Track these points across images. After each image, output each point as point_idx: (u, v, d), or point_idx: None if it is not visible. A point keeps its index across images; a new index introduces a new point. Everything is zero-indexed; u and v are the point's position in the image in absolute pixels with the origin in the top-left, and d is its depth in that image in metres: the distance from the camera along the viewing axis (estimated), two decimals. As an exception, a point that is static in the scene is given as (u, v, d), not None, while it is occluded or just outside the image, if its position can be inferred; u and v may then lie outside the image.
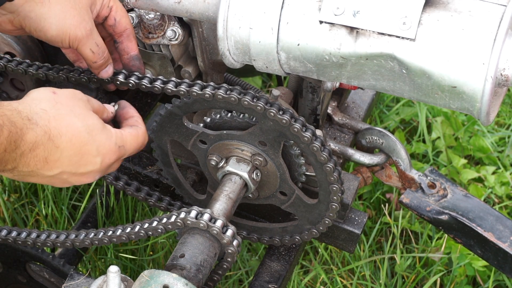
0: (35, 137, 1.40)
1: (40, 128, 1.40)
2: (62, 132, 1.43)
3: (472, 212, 1.92)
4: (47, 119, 1.42)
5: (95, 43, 1.58)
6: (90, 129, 1.47)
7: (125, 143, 1.53)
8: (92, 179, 1.52)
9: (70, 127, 1.44)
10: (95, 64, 1.60)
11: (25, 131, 1.38)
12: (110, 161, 1.51)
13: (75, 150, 1.45)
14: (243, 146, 1.70)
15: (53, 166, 1.45)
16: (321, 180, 1.70)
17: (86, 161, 1.47)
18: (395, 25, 1.44)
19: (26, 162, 1.41)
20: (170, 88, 1.63)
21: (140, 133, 1.57)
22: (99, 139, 1.48)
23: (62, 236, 1.74)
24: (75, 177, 1.49)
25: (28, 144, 1.39)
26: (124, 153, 1.54)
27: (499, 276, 2.39)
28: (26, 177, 1.46)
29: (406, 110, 2.78)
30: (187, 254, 1.59)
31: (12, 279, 2.02)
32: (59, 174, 1.47)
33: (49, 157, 1.43)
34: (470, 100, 1.45)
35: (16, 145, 1.37)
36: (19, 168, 1.42)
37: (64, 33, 1.54)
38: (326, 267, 2.41)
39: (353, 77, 1.52)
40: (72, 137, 1.44)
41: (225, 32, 1.53)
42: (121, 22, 1.63)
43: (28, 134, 1.39)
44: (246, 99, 1.60)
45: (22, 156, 1.40)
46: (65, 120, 1.44)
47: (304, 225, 1.81)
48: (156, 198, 1.90)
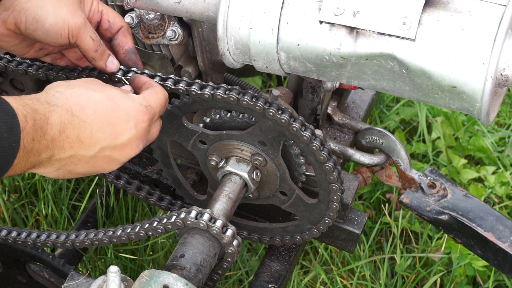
0: (60, 117, 1.38)
1: (60, 107, 1.39)
2: (84, 106, 1.41)
3: (472, 212, 1.92)
4: (64, 98, 1.41)
5: (92, 31, 1.58)
6: (110, 97, 1.45)
7: (150, 102, 1.51)
8: (136, 149, 1.49)
9: (90, 99, 1.43)
10: (97, 53, 1.59)
11: (48, 115, 1.37)
12: (144, 123, 1.48)
13: (103, 120, 1.43)
14: (242, 146, 1.70)
15: (90, 144, 1.42)
16: (321, 180, 1.70)
17: (120, 128, 1.45)
18: (395, 25, 1.44)
19: (61, 146, 1.39)
20: (182, 87, 1.62)
21: (158, 90, 1.55)
22: (123, 103, 1.46)
23: (62, 237, 1.74)
24: (118, 151, 1.47)
25: (55, 127, 1.38)
26: (154, 112, 1.51)
27: (499, 276, 2.39)
28: (69, 166, 1.43)
29: (406, 110, 2.78)
30: (187, 254, 1.59)
31: (12, 279, 2.02)
32: (100, 151, 1.44)
33: (80, 134, 1.41)
34: (470, 100, 1.45)
35: (43, 131, 1.36)
36: (56, 155, 1.40)
37: (63, 22, 1.53)
38: (326, 267, 2.41)
39: (353, 77, 1.52)
40: (96, 108, 1.42)
41: (225, 32, 1.53)
42: (115, 22, 1.63)
43: (52, 117, 1.38)
44: (245, 99, 1.60)
45: (54, 141, 1.38)
46: (83, 95, 1.43)
47: (304, 224, 1.81)
48: (157, 197, 1.90)
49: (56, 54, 1.67)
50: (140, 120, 1.48)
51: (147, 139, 1.53)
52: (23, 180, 2.50)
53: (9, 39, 1.58)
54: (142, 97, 1.51)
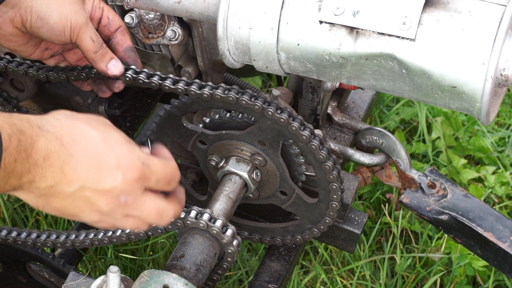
0: (47, 144, 1.31)
1: (51, 134, 1.31)
2: (76, 140, 1.33)
3: (472, 212, 1.92)
4: (59, 126, 1.33)
5: (93, 32, 1.57)
6: (107, 139, 1.35)
7: (150, 163, 1.38)
8: (116, 200, 1.36)
9: (85, 135, 1.34)
10: (96, 55, 1.58)
11: (35, 139, 1.30)
12: (133, 176, 1.34)
13: (91, 159, 1.33)
14: (242, 146, 1.70)
15: (72, 178, 1.33)
16: (321, 179, 1.70)
17: (106, 173, 1.34)
18: (395, 25, 1.44)
19: (42, 174, 1.31)
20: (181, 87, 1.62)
21: (170, 163, 1.41)
22: (119, 150, 1.35)
23: (62, 237, 1.74)
24: (98, 195, 1.35)
25: (40, 152, 1.30)
26: (149, 175, 1.37)
27: (499, 276, 2.39)
28: (48, 197, 1.35)
29: (406, 110, 2.78)
30: (187, 254, 1.59)
31: (12, 279, 2.02)
32: (80, 190, 1.34)
33: (64, 166, 1.32)
34: (470, 100, 1.45)
35: (27, 154, 1.29)
36: (36, 182, 1.32)
37: (66, 19, 1.54)
38: (326, 267, 2.41)
39: (353, 77, 1.52)
40: (87, 145, 1.33)
41: (225, 32, 1.53)
42: (115, 20, 1.63)
43: (39, 141, 1.30)
44: (244, 98, 1.60)
45: (36, 166, 1.30)
46: (79, 129, 1.34)
47: (305, 224, 1.81)
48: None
49: (60, 56, 1.67)
50: (130, 173, 1.35)
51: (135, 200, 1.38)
52: (23, 180, 2.50)
53: (16, 38, 1.59)
54: (145, 156, 1.39)
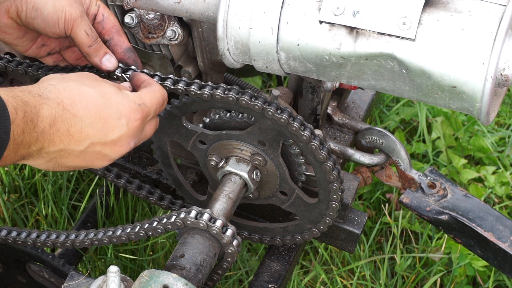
0: (50, 111, 1.38)
1: (52, 101, 1.39)
2: (76, 100, 1.41)
3: (472, 212, 1.92)
4: (57, 91, 1.41)
5: (88, 26, 1.58)
6: (103, 93, 1.45)
7: (145, 100, 1.50)
8: (127, 146, 1.48)
9: (83, 94, 1.42)
10: (91, 49, 1.59)
11: (39, 107, 1.37)
12: (136, 121, 1.47)
13: (94, 115, 1.43)
14: (242, 146, 1.70)
15: (80, 138, 1.42)
16: (321, 179, 1.70)
17: (111, 125, 1.44)
18: (395, 25, 1.44)
19: (50, 139, 1.39)
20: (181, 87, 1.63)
21: (155, 88, 1.55)
22: (116, 100, 1.45)
23: (62, 237, 1.74)
24: (108, 147, 1.46)
25: (45, 120, 1.38)
26: (148, 111, 1.51)
27: (499, 276, 2.39)
28: (59, 159, 1.43)
29: (406, 110, 2.78)
30: (187, 254, 1.59)
31: (12, 279, 2.02)
32: (90, 147, 1.44)
33: (71, 128, 1.40)
34: (470, 100, 1.45)
35: (33, 124, 1.36)
36: (45, 148, 1.40)
37: (60, 10, 1.54)
38: (326, 267, 2.41)
39: (353, 77, 1.52)
40: (87, 103, 1.42)
41: (225, 32, 1.53)
42: (109, 18, 1.63)
43: (43, 110, 1.38)
44: (244, 98, 1.60)
45: (44, 134, 1.38)
46: (75, 89, 1.42)
47: (305, 224, 1.81)
48: (157, 196, 1.90)
49: (58, 55, 1.67)
50: (132, 118, 1.47)
51: (140, 137, 1.52)
52: (23, 180, 2.50)
53: (12, 30, 1.59)
54: (137, 95, 1.51)
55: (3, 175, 2.49)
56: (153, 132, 1.56)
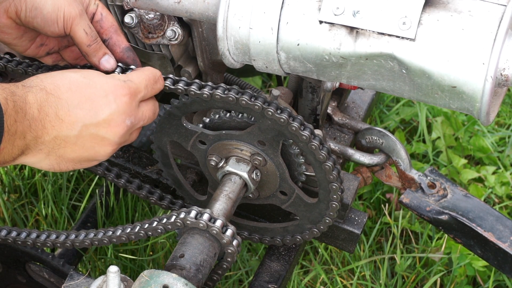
0: (35, 96, 1.40)
1: (35, 87, 1.41)
2: (58, 84, 1.42)
3: (472, 212, 1.92)
4: (39, 80, 1.43)
5: (88, 25, 1.58)
6: (85, 75, 1.46)
7: (131, 77, 1.50)
8: (123, 124, 1.47)
9: (65, 78, 1.44)
10: (90, 48, 1.59)
11: (25, 96, 1.39)
12: (124, 97, 1.47)
13: (79, 96, 1.43)
14: (242, 146, 1.70)
15: (70, 121, 1.42)
16: (321, 179, 1.70)
17: (99, 104, 1.44)
18: (395, 25, 1.44)
19: (42, 125, 1.40)
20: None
21: (145, 68, 1.55)
22: (99, 80, 1.46)
23: (62, 237, 1.74)
24: (102, 128, 1.46)
25: (33, 105, 1.39)
26: (136, 87, 1.50)
27: (499, 276, 2.39)
28: (57, 150, 1.44)
29: (406, 110, 2.78)
30: (187, 254, 1.59)
31: (12, 279, 2.02)
32: (83, 129, 1.44)
33: (58, 111, 1.41)
34: (470, 100, 1.45)
35: (23, 112, 1.37)
36: (40, 137, 1.40)
37: (59, 9, 1.54)
38: (326, 267, 2.41)
39: (353, 77, 1.52)
40: (71, 86, 1.43)
41: (225, 32, 1.53)
42: (108, 17, 1.63)
43: (28, 97, 1.39)
44: (244, 98, 1.60)
45: (34, 120, 1.39)
46: (57, 75, 1.45)
47: (305, 224, 1.81)
48: (158, 196, 1.90)
49: (57, 54, 1.67)
50: (119, 94, 1.47)
51: (136, 116, 1.51)
52: (23, 180, 2.50)
53: (11, 30, 1.59)
54: (123, 75, 1.51)
55: (3, 175, 2.49)
56: (152, 114, 1.54)
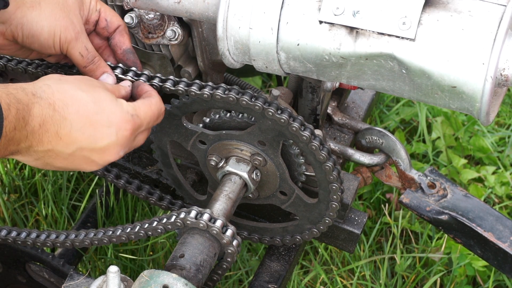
0: (41, 111, 1.38)
1: (44, 100, 1.39)
2: (68, 103, 1.41)
3: (472, 212, 1.92)
4: (50, 92, 1.41)
5: (85, 47, 1.58)
6: (97, 100, 1.44)
7: (138, 112, 1.50)
8: (116, 155, 1.48)
9: (76, 98, 1.42)
10: (86, 69, 1.60)
11: (31, 106, 1.38)
12: (126, 131, 1.47)
13: (85, 121, 1.43)
14: (242, 146, 1.70)
15: (68, 142, 1.42)
16: (321, 179, 1.70)
17: (100, 133, 1.44)
18: (395, 25, 1.44)
19: (39, 139, 1.40)
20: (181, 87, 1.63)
21: (153, 101, 1.54)
22: (108, 108, 1.45)
23: (62, 236, 1.74)
24: (96, 154, 1.46)
25: (36, 119, 1.38)
26: (140, 123, 1.50)
27: (499, 276, 2.39)
28: (47, 158, 1.44)
29: (406, 110, 2.78)
30: (187, 254, 1.59)
31: (12, 279, 2.02)
32: (78, 151, 1.44)
33: (59, 130, 1.41)
34: (470, 100, 1.45)
35: (25, 122, 1.37)
36: (34, 147, 1.40)
37: (55, 34, 1.55)
38: (326, 267, 2.41)
39: (353, 77, 1.52)
40: (79, 108, 1.42)
41: (224, 32, 1.53)
42: (113, 21, 1.63)
43: (34, 109, 1.38)
44: (244, 98, 1.60)
45: (33, 133, 1.38)
46: (69, 92, 1.43)
47: (304, 224, 1.81)
48: (157, 197, 1.90)
49: (59, 55, 1.68)
50: (123, 128, 1.47)
51: (130, 146, 1.51)
52: (23, 180, 2.50)
53: (9, 47, 1.60)
54: (132, 106, 1.50)
55: (3, 175, 2.49)
56: (144, 141, 1.55)
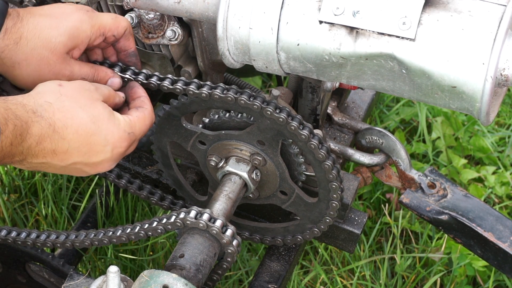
0: (40, 130, 1.39)
1: (45, 120, 1.40)
2: (68, 124, 1.43)
3: (472, 212, 1.92)
4: (51, 111, 1.42)
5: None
6: (95, 119, 1.46)
7: (134, 129, 1.53)
8: (107, 168, 1.52)
9: (75, 118, 1.44)
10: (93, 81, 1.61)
11: (30, 124, 1.38)
12: (121, 148, 1.50)
13: (82, 141, 1.45)
14: (242, 146, 1.70)
15: (64, 158, 1.45)
16: (320, 178, 1.70)
17: (96, 151, 1.47)
18: (395, 25, 1.44)
19: (35, 154, 1.41)
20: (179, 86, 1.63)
21: (147, 114, 1.56)
22: (106, 128, 1.47)
23: (62, 237, 1.73)
24: (89, 167, 1.49)
25: (34, 137, 1.39)
26: (135, 138, 1.54)
27: (499, 276, 2.39)
28: (38, 167, 1.45)
29: (406, 110, 2.78)
30: (187, 254, 1.59)
31: (12, 279, 2.02)
32: (72, 165, 1.47)
33: (57, 149, 1.43)
34: (470, 100, 1.45)
35: (22, 139, 1.37)
36: (28, 159, 1.41)
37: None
38: (326, 267, 2.41)
39: (353, 77, 1.52)
40: (78, 129, 1.44)
41: (224, 32, 1.53)
42: (119, 32, 1.60)
43: (34, 127, 1.39)
44: (242, 98, 1.60)
45: (29, 149, 1.40)
46: (70, 111, 1.44)
47: (305, 224, 1.81)
48: (158, 196, 1.90)
49: None
50: (118, 146, 1.50)
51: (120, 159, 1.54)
52: (23, 180, 2.50)
53: None
54: (129, 122, 1.52)
55: (3, 175, 2.49)
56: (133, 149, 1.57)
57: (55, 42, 1.52)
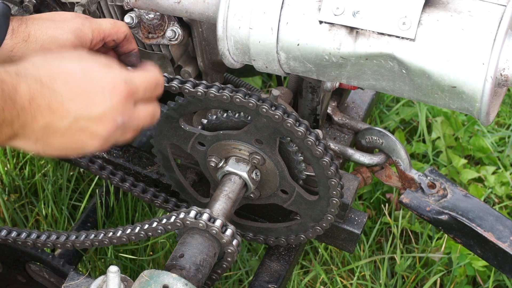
0: (28, 87, 1.33)
1: (29, 77, 1.34)
2: (55, 76, 1.36)
3: (472, 212, 1.92)
4: (35, 68, 1.36)
5: None
6: (85, 68, 1.39)
7: (132, 77, 1.42)
8: (114, 122, 1.39)
9: (63, 69, 1.37)
10: None
11: (17, 85, 1.33)
12: (119, 95, 1.39)
13: (75, 90, 1.37)
14: (240, 145, 1.70)
15: (62, 114, 1.36)
16: (319, 176, 1.70)
17: (94, 99, 1.38)
18: (395, 25, 1.44)
19: (32, 116, 1.35)
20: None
21: (149, 69, 1.47)
22: (99, 74, 1.39)
23: (62, 237, 1.74)
24: (93, 123, 1.39)
25: (24, 96, 1.33)
26: (135, 88, 1.43)
27: (499, 276, 2.39)
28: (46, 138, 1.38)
29: (406, 110, 2.78)
30: (187, 254, 1.59)
31: (12, 279, 2.02)
32: (74, 122, 1.38)
33: (51, 103, 1.35)
34: (470, 100, 1.45)
35: (12, 101, 1.32)
36: (28, 124, 1.35)
37: None
38: (326, 267, 2.41)
39: (353, 77, 1.52)
40: (67, 78, 1.36)
41: (224, 32, 1.53)
42: (119, 37, 1.60)
43: (20, 87, 1.33)
44: (237, 96, 1.60)
45: (24, 110, 1.34)
46: (56, 66, 1.37)
47: (307, 223, 1.81)
48: (157, 196, 1.90)
49: None
50: (116, 93, 1.40)
51: (130, 116, 1.43)
52: (23, 180, 2.50)
53: None
54: (126, 71, 1.43)
55: (3, 175, 2.49)
56: (151, 117, 1.46)
57: (63, 39, 1.53)
